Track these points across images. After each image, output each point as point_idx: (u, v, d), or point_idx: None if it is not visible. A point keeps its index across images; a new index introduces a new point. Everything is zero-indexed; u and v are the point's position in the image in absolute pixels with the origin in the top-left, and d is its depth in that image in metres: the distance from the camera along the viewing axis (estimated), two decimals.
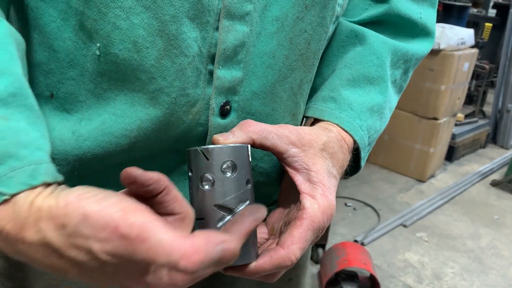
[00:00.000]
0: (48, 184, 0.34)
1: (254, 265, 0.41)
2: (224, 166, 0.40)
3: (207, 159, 0.40)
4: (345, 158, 0.50)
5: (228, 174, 0.41)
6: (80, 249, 0.31)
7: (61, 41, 0.42)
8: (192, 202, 0.42)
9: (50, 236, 0.31)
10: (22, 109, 0.36)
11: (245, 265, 0.41)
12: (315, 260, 2.23)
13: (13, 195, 0.32)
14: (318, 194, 0.44)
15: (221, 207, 0.40)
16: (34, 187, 0.33)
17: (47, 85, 0.44)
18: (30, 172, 0.33)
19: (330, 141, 0.48)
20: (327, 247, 2.21)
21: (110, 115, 0.44)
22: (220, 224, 0.40)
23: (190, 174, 0.42)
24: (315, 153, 0.46)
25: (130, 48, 0.41)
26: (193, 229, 0.41)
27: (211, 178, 0.40)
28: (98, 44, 0.41)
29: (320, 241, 2.23)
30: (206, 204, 0.40)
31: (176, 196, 0.35)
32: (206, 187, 0.40)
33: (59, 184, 0.36)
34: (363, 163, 0.55)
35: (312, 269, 2.19)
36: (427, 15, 0.59)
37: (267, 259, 0.42)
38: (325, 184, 0.45)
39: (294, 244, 0.42)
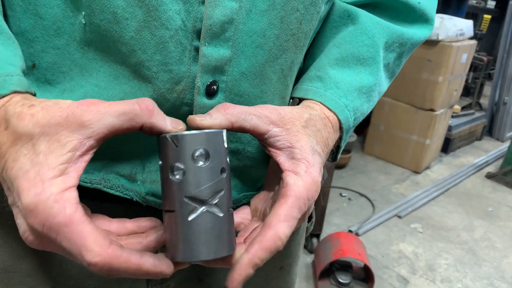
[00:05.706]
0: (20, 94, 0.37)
1: (247, 257, 0.39)
2: (197, 154, 0.37)
3: (177, 146, 0.37)
4: (329, 137, 0.48)
5: (201, 163, 0.37)
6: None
7: (49, 8, 0.41)
8: (162, 194, 0.39)
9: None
10: None
11: (238, 259, 0.39)
12: (309, 249, 2.23)
13: None
14: (302, 170, 0.42)
15: (193, 199, 0.37)
16: (3, 96, 0.36)
17: (30, 54, 0.43)
18: (1, 82, 0.36)
19: (312, 119, 0.46)
20: (322, 237, 2.21)
21: (93, 87, 0.43)
22: (192, 216, 0.37)
23: (160, 163, 0.39)
24: (298, 130, 0.44)
25: (110, 19, 0.39)
26: (164, 222, 0.39)
27: (182, 167, 0.37)
28: (83, 13, 0.40)
29: (314, 231, 2.23)
30: (176, 196, 0.37)
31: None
32: (177, 177, 0.37)
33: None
34: (343, 144, 0.53)
35: (306, 259, 2.19)
36: (426, 1, 0.57)
37: (258, 246, 0.39)
38: (309, 161, 0.43)
39: (280, 222, 0.40)
